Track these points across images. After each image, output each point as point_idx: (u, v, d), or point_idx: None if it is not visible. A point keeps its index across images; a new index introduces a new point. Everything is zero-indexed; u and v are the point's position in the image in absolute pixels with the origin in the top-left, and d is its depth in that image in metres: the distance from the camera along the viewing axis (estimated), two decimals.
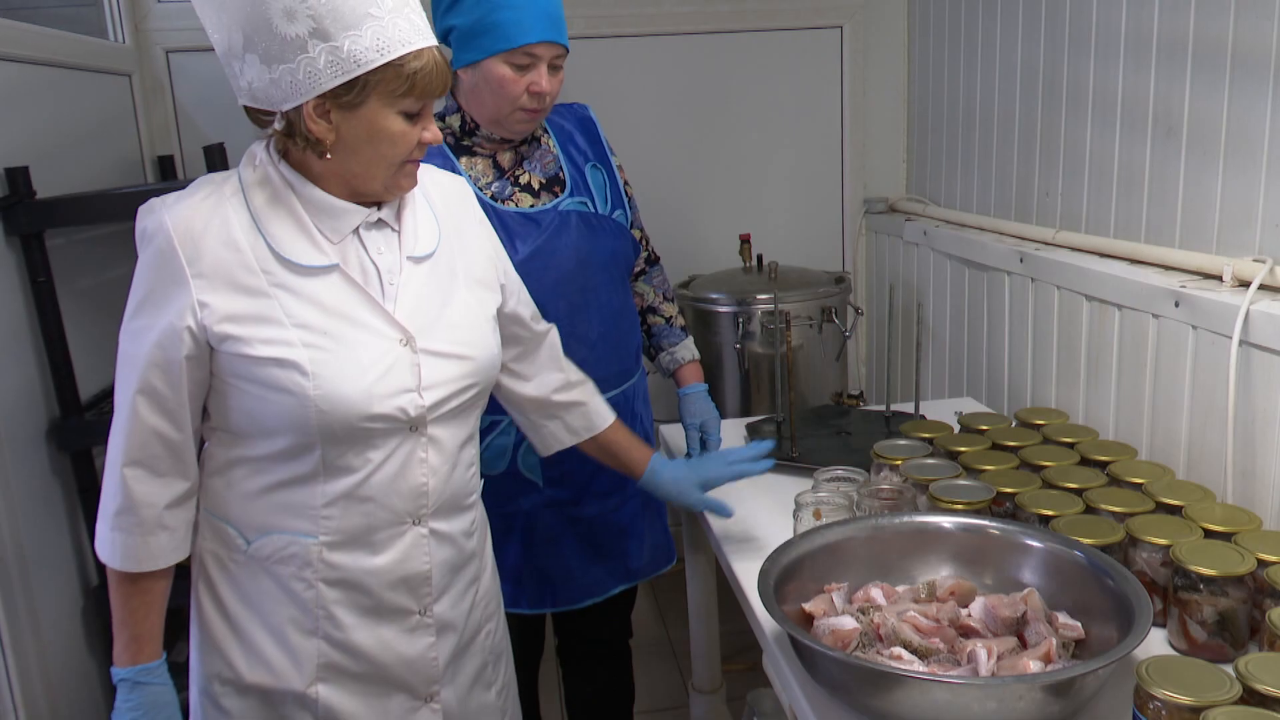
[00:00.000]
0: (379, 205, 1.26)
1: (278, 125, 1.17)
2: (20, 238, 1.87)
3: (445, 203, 1.37)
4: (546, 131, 1.89)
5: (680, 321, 2.08)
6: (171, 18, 2.64)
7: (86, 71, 2.32)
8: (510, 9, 1.66)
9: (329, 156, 1.18)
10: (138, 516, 1.21)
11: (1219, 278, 1.63)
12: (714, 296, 2.57)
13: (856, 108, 3.02)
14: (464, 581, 1.38)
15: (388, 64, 1.13)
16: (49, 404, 1.96)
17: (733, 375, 2.58)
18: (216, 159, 1.97)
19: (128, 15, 2.59)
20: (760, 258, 2.71)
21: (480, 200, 1.70)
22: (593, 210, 1.87)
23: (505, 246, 1.50)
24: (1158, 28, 1.77)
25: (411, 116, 1.18)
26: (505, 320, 1.44)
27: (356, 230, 1.24)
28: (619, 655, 2.14)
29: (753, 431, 2.12)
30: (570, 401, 1.54)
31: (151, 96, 2.66)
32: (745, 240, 2.76)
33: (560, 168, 1.86)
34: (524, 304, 1.49)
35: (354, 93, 1.13)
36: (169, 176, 2.62)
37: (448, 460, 1.30)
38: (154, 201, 1.19)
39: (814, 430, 2.10)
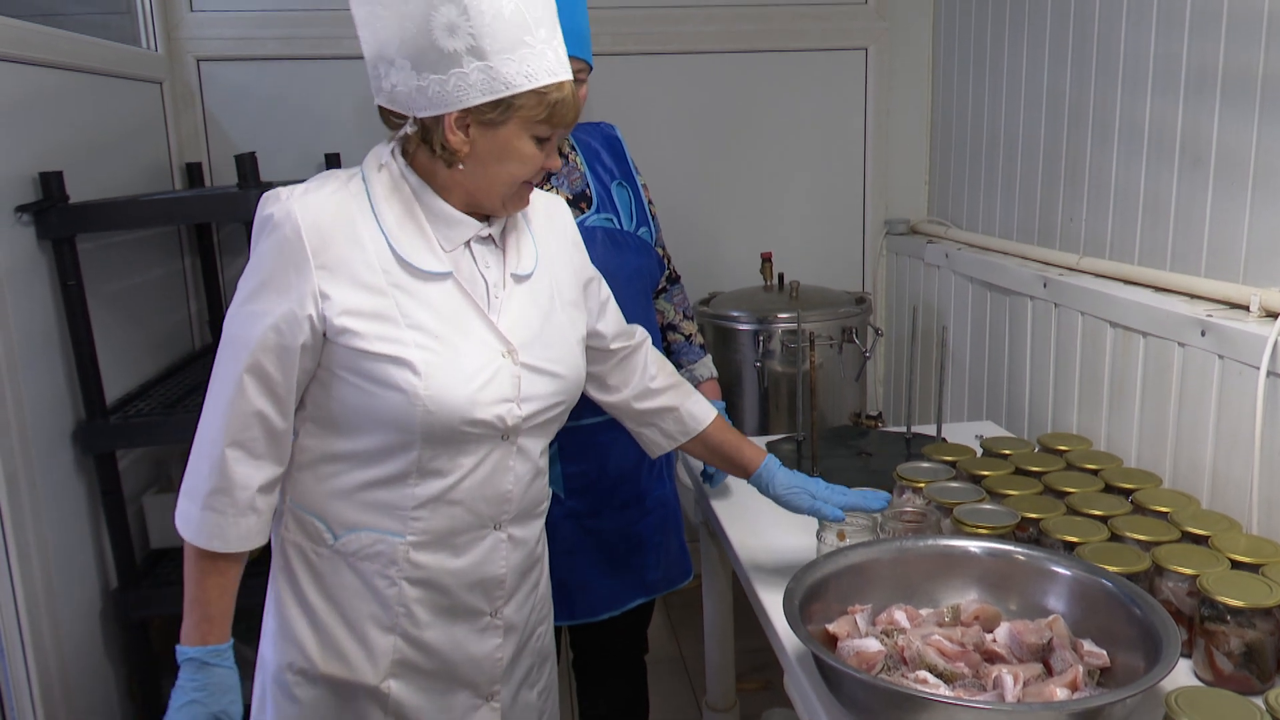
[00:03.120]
0: (488, 221, 1.30)
1: (409, 129, 1.22)
2: (52, 241, 1.89)
3: (543, 224, 1.42)
4: (574, 149, 1.91)
5: (699, 339, 2.09)
6: (204, 26, 2.67)
7: (119, 78, 2.35)
8: None
9: (460, 167, 1.22)
10: (232, 498, 1.22)
11: (1246, 307, 1.62)
12: (734, 314, 2.57)
13: (879, 129, 3.03)
14: (529, 585, 1.42)
15: (533, 90, 1.18)
16: (75, 406, 1.97)
17: (752, 393, 2.58)
18: (248, 168, 1.98)
19: (160, 23, 2.62)
20: (781, 276, 2.72)
21: None
22: (618, 227, 1.88)
23: None
24: (1187, 57, 1.77)
25: (541, 141, 1.23)
26: (589, 336, 1.47)
27: (468, 242, 1.28)
28: (634, 670, 2.14)
29: (772, 450, 2.12)
30: (659, 408, 1.54)
31: (182, 104, 2.68)
32: (766, 259, 2.77)
33: (587, 184, 1.88)
34: (609, 321, 1.50)
35: (498, 112, 1.18)
36: (197, 184, 2.65)
37: (531, 469, 1.34)
38: (279, 190, 1.22)
39: (834, 450, 2.10)
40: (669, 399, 1.54)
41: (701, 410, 1.56)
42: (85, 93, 2.14)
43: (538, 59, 1.18)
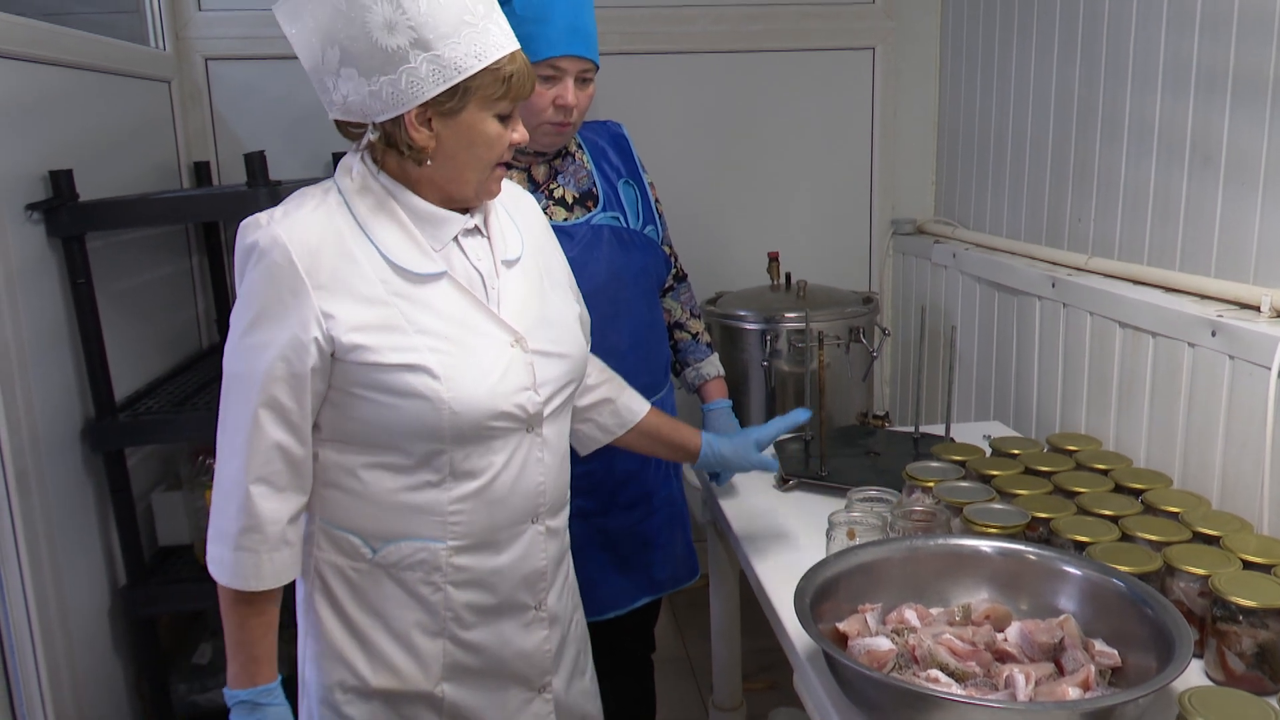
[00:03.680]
0: (469, 213, 1.29)
1: (371, 136, 1.20)
2: (62, 240, 1.90)
3: (518, 210, 1.41)
4: (580, 147, 1.91)
5: (706, 338, 2.09)
6: (212, 26, 2.68)
7: (128, 77, 2.35)
8: (536, 23, 1.67)
9: (429, 163, 1.21)
10: (263, 534, 1.20)
11: (1256, 308, 1.62)
12: (742, 314, 2.57)
13: (886, 129, 3.02)
14: (563, 574, 1.43)
15: (485, 69, 1.16)
16: (84, 404, 1.98)
17: (759, 393, 2.57)
18: (257, 166, 1.98)
19: (169, 22, 2.62)
20: (789, 276, 2.71)
21: None
22: (625, 225, 1.88)
23: None
24: (1197, 56, 1.77)
25: (504, 119, 1.22)
26: None
27: (456, 238, 1.27)
28: (641, 669, 2.14)
29: (780, 449, 2.11)
30: (596, 402, 1.54)
31: (190, 103, 2.69)
32: (774, 258, 2.77)
33: (593, 183, 1.88)
34: (583, 307, 1.51)
35: (455, 99, 1.16)
36: (204, 182, 2.65)
37: (558, 459, 1.35)
38: (259, 217, 1.19)
39: (842, 450, 2.10)
40: (605, 391, 1.54)
41: (637, 403, 1.57)
42: (94, 92, 2.15)
43: (483, 36, 1.16)
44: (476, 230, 1.30)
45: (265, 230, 1.17)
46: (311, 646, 1.33)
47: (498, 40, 1.18)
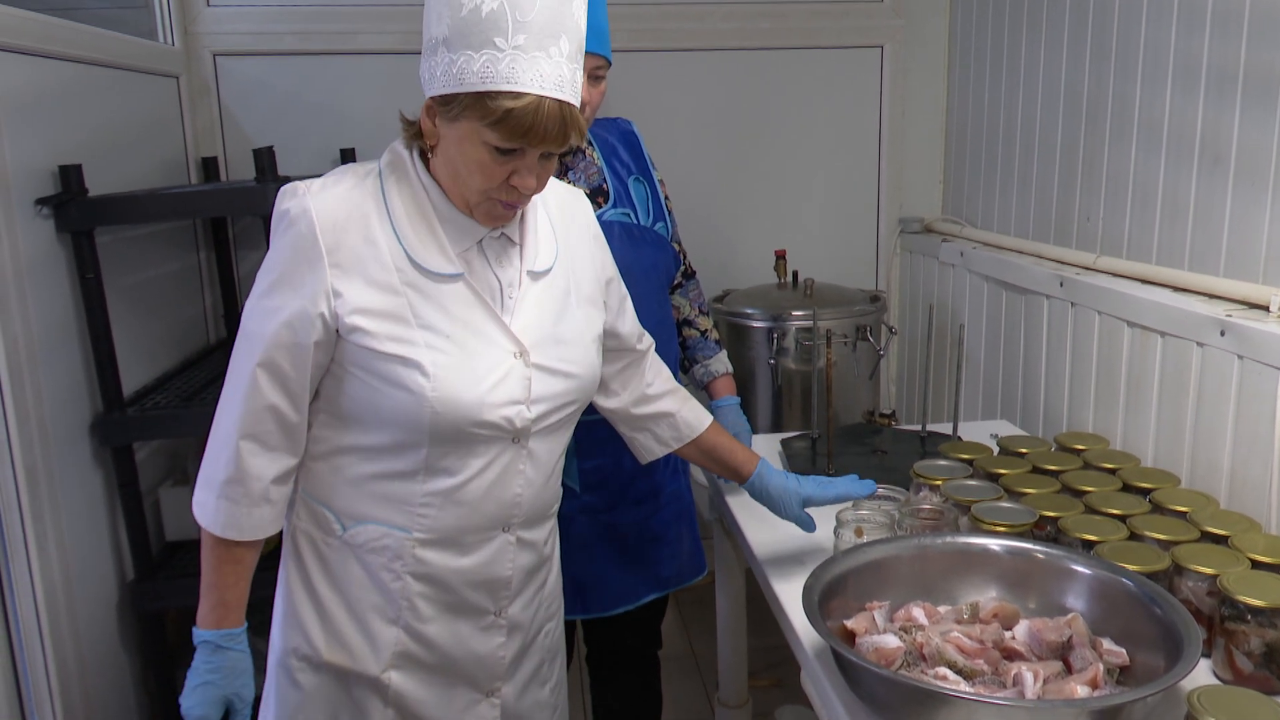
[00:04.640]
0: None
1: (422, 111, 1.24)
2: (71, 234, 1.90)
3: (562, 217, 1.40)
4: (591, 144, 1.91)
5: (715, 335, 2.10)
6: (220, 21, 2.68)
7: (136, 73, 2.36)
8: None
9: (432, 156, 1.24)
10: (245, 488, 1.24)
11: (1265, 308, 1.62)
12: (749, 311, 2.57)
13: (894, 127, 3.02)
14: (535, 584, 1.42)
15: (484, 93, 1.13)
16: (93, 399, 1.98)
17: (765, 390, 2.58)
18: (265, 162, 1.99)
19: (177, 18, 2.63)
20: (796, 274, 2.72)
21: None
22: (635, 222, 1.88)
23: None
24: (1208, 55, 1.76)
25: (504, 153, 1.17)
26: (605, 335, 1.45)
27: (480, 241, 1.28)
28: (648, 665, 2.14)
29: (786, 447, 2.12)
30: (655, 413, 1.54)
31: (198, 98, 2.69)
32: (781, 256, 2.77)
33: (604, 179, 1.88)
34: (627, 321, 1.50)
35: (450, 108, 1.17)
36: (212, 178, 2.66)
37: (542, 473, 1.34)
38: (297, 185, 1.22)
39: (849, 448, 2.10)
40: (666, 404, 1.54)
41: (696, 416, 1.56)
42: (103, 87, 2.15)
43: (500, 63, 1.12)
44: (507, 238, 1.31)
45: (299, 200, 1.21)
46: (279, 610, 1.36)
47: (515, 74, 1.12)
